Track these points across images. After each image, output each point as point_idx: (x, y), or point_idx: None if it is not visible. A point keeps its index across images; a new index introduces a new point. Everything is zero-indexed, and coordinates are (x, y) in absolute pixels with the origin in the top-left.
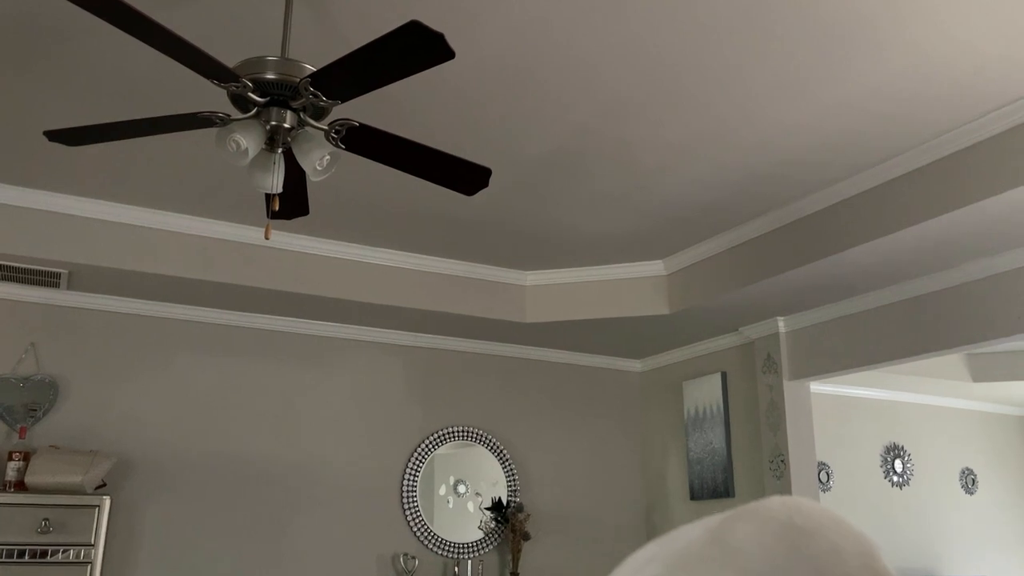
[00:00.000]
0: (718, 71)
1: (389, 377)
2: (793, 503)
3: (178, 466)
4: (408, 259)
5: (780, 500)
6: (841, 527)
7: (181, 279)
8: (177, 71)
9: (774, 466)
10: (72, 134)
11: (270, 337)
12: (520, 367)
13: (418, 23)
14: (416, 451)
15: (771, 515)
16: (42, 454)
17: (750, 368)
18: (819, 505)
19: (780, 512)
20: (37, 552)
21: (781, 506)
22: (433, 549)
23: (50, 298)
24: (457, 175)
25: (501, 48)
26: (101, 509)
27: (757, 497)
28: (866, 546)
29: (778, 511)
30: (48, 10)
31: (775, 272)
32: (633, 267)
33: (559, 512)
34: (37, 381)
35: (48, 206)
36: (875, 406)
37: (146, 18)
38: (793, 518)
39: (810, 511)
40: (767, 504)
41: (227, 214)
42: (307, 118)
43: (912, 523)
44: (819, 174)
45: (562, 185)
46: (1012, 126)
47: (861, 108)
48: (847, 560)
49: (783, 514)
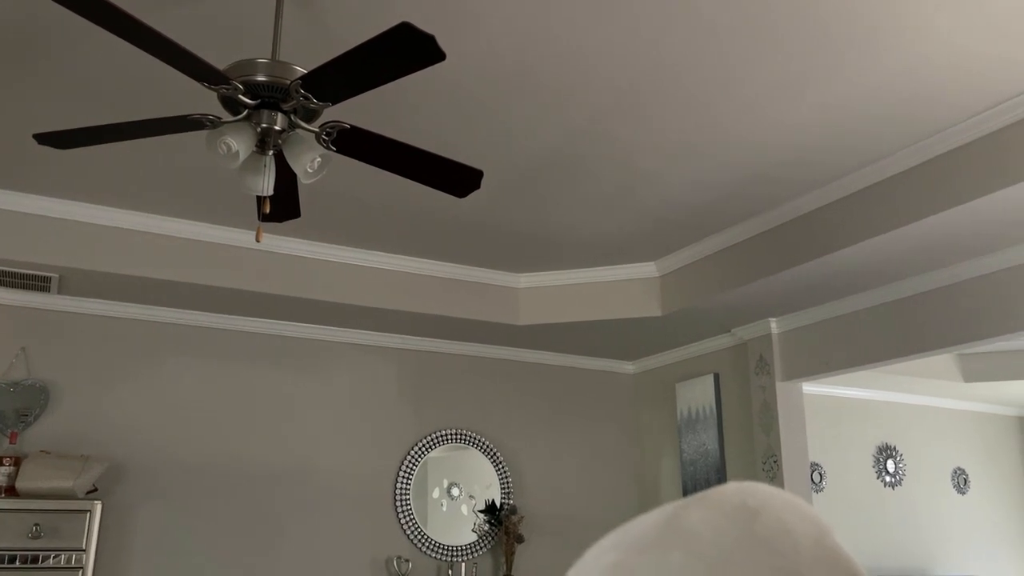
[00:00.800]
0: (713, 72)
1: (382, 380)
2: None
3: (170, 470)
4: (401, 262)
5: (735, 485)
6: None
7: (172, 283)
8: (167, 74)
9: (767, 467)
10: (62, 137)
11: (262, 340)
12: (513, 369)
13: (409, 25)
14: (409, 454)
15: (724, 499)
16: (33, 459)
17: (743, 369)
18: (773, 488)
19: (733, 496)
20: (28, 557)
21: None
22: (427, 552)
23: (40, 302)
24: (448, 177)
25: (493, 49)
26: (92, 514)
27: None
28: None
29: (731, 495)
30: (38, 13)
31: (767, 273)
32: (625, 269)
33: (552, 514)
34: (28, 386)
35: (38, 210)
36: (867, 407)
37: (135, 21)
38: (745, 500)
39: (762, 493)
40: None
41: (218, 217)
42: (298, 120)
43: (904, 523)
44: (811, 175)
45: (555, 187)
46: (1003, 126)
47: (853, 109)
48: (798, 539)
49: (736, 497)
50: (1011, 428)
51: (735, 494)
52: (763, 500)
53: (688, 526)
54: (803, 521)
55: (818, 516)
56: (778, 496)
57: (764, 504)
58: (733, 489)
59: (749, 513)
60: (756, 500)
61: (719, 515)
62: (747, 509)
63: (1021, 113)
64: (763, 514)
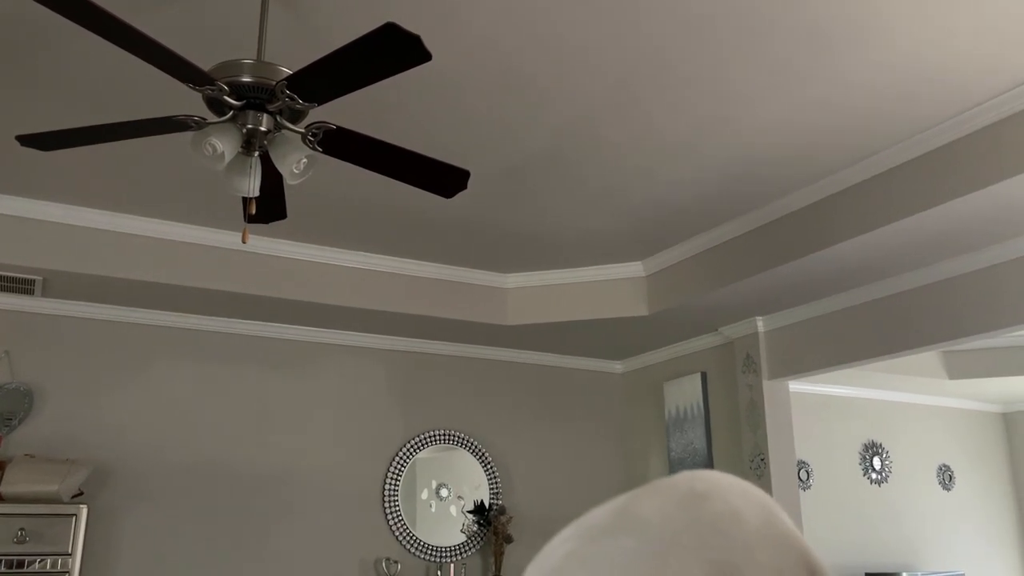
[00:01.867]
0: (701, 69)
1: (370, 381)
2: (696, 473)
3: (156, 473)
4: (388, 263)
5: (685, 473)
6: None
7: (157, 284)
8: (152, 75)
9: (754, 465)
10: (45, 138)
11: (248, 342)
12: (501, 370)
13: (394, 25)
14: (397, 455)
15: (673, 486)
16: (18, 463)
17: (730, 368)
18: (722, 474)
19: (682, 483)
20: (14, 562)
21: (684, 478)
22: (415, 553)
23: (24, 305)
24: (435, 177)
25: (479, 48)
26: (78, 518)
27: None
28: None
29: (680, 482)
30: (20, 14)
31: (753, 272)
32: (613, 269)
33: (541, 514)
34: (12, 389)
35: (22, 212)
36: (853, 404)
37: (119, 21)
38: (694, 486)
39: (710, 478)
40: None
41: (203, 219)
42: (284, 121)
43: (890, 519)
44: (798, 173)
45: (542, 187)
46: (990, 123)
47: (842, 106)
48: (747, 520)
49: (684, 484)
50: (995, 424)
51: (684, 481)
52: (711, 485)
53: (639, 513)
54: (751, 503)
55: (766, 498)
56: (725, 480)
57: (711, 488)
58: (682, 477)
59: (697, 497)
60: (704, 485)
61: (668, 502)
62: (695, 494)
63: (1008, 110)
64: (711, 498)
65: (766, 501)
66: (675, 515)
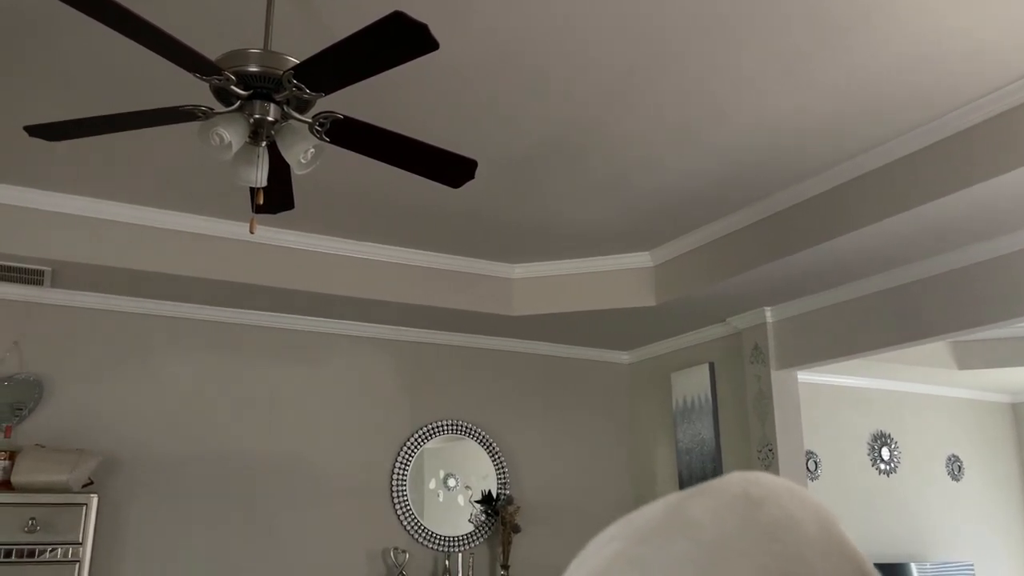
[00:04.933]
0: (708, 57)
1: (377, 372)
2: (750, 476)
3: (164, 463)
4: (394, 253)
5: (739, 475)
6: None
7: (165, 275)
8: (159, 65)
9: (762, 455)
10: (53, 129)
11: (255, 332)
12: (508, 360)
13: (401, 14)
14: (405, 445)
15: (727, 488)
16: (28, 453)
17: (738, 358)
18: (777, 478)
19: (735, 485)
20: (24, 552)
21: (738, 480)
22: (423, 543)
23: (34, 296)
24: (442, 167)
25: (485, 37)
26: (88, 507)
27: None
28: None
29: (734, 484)
30: (28, 4)
31: (761, 262)
32: (620, 259)
33: (549, 504)
34: (21, 380)
35: (31, 203)
36: (861, 394)
37: (127, 11)
38: (748, 490)
39: (766, 482)
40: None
41: (211, 209)
42: (291, 111)
43: (899, 510)
44: (806, 162)
45: (549, 176)
46: (1001, 111)
47: (852, 94)
48: (802, 526)
49: (738, 487)
50: (1005, 415)
51: (738, 484)
52: (767, 490)
53: (691, 515)
54: (806, 510)
55: (821, 505)
56: (781, 485)
57: (768, 494)
58: (736, 479)
59: (752, 502)
60: (759, 490)
61: (722, 504)
62: (750, 498)
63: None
64: (766, 503)
65: (822, 509)
66: (729, 519)
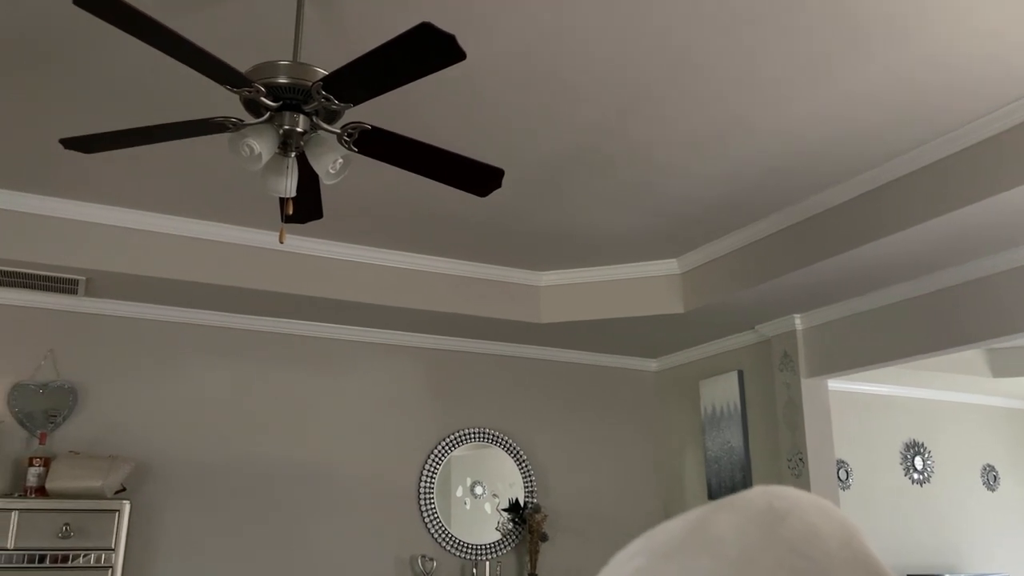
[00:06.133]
0: (735, 63)
1: (405, 379)
2: (773, 490)
3: (195, 470)
4: (422, 261)
5: (761, 489)
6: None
7: (196, 284)
8: (190, 77)
9: (792, 464)
10: (87, 141)
11: (285, 341)
12: (535, 368)
13: (429, 25)
14: (433, 453)
15: (750, 503)
16: (62, 459)
17: (767, 366)
18: (800, 491)
19: (759, 499)
20: (59, 557)
21: (761, 494)
22: (451, 551)
23: (68, 305)
24: (470, 176)
25: (511, 46)
26: (121, 513)
27: None
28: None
29: (757, 498)
30: (63, 18)
31: (791, 269)
32: (647, 266)
33: (576, 513)
34: (56, 387)
35: (65, 213)
36: (893, 403)
37: (160, 25)
38: (772, 503)
39: (789, 496)
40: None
41: (241, 218)
42: (319, 122)
43: (933, 520)
44: (836, 168)
45: (575, 184)
46: None
47: (881, 99)
48: (826, 540)
49: (762, 501)
50: None
51: (761, 497)
52: (790, 503)
53: (714, 531)
54: (830, 523)
55: (846, 518)
56: (805, 499)
57: (791, 507)
58: (759, 492)
59: (776, 516)
60: (783, 503)
61: (745, 519)
62: (774, 512)
63: None
64: (790, 517)
65: (847, 522)
66: (753, 534)
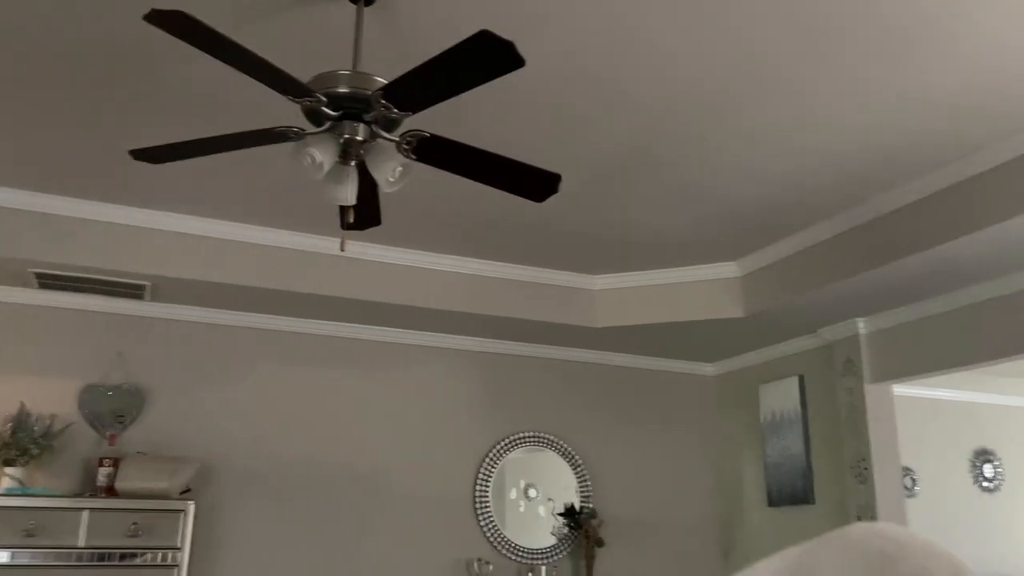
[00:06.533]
0: (798, 63)
1: (460, 383)
2: (877, 529)
3: (257, 472)
4: (477, 266)
5: (863, 527)
6: (929, 549)
7: (258, 289)
8: (252, 87)
9: (856, 471)
10: (156, 153)
11: (344, 344)
12: (590, 372)
13: (488, 32)
14: (487, 456)
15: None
16: (130, 460)
17: (829, 371)
18: (904, 529)
19: (863, 539)
20: (127, 555)
21: (864, 533)
22: (506, 554)
23: (135, 309)
24: (527, 182)
25: (566, 50)
26: (186, 513)
27: (839, 503)
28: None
29: (861, 538)
30: (129, 33)
31: (855, 272)
32: (705, 269)
33: (633, 518)
34: (124, 390)
35: (131, 221)
36: (963, 408)
37: (226, 39)
38: (880, 545)
39: (896, 536)
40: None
41: (302, 224)
42: (379, 130)
43: (1003, 529)
44: (901, 169)
45: (631, 187)
46: None
47: (948, 99)
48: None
49: (867, 541)
50: None
51: (867, 538)
52: (900, 545)
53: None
54: (940, 563)
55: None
56: (912, 540)
57: (899, 549)
58: (862, 532)
59: (883, 558)
60: (889, 544)
61: (852, 562)
62: (884, 556)
63: None
64: (899, 561)
65: (955, 561)
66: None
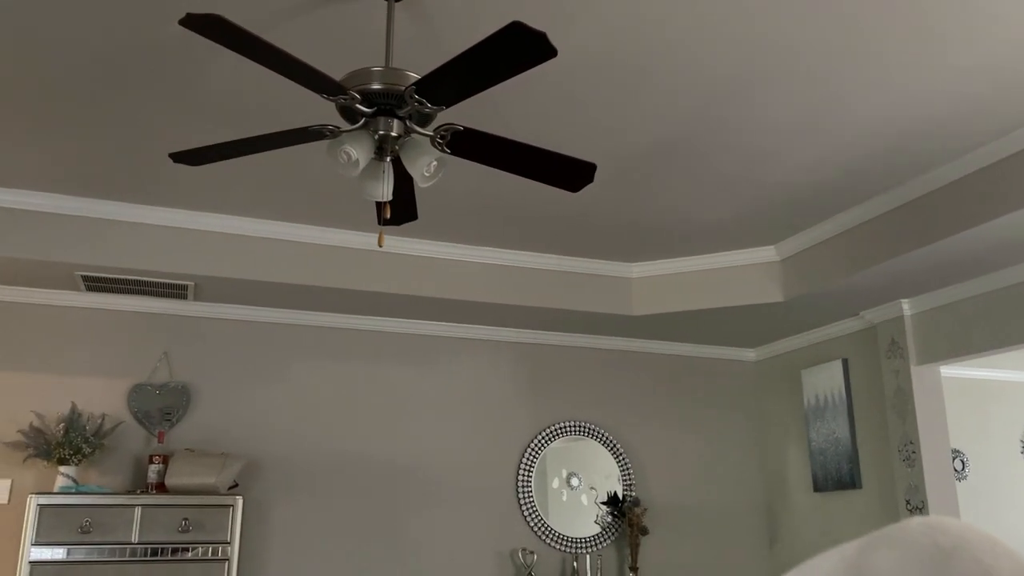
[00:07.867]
0: (835, 44)
1: (499, 374)
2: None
3: (302, 466)
4: (513, 256)
5: (920, 521)
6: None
7: (299, 286)
8: (286, 86)
9: (904, 455)
10: (195, 155)
11: (384, 339)
12: (629, 360)
13: (520, 24)
14: (529, 446)
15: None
16: (179, 457)
17: (873, 353)
18: (964, 524)
19: (922, 535)
20: (178, 549)
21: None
22: (551, 544)
23: (179, 309)
24: (562, 173)
25: (599, 39)
26: (235, 508)
27: (887, 487)
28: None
29: (920, 534)
30: (165, 35)
31: (898, 253)
32: (743, 254)
33: (676, 506)
34: (171, 388)
35: (173, 222)
36: (1014, 389)
37: (260, 40)
38: (937, 540)
39: (956, 531)
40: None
41: (340, 221)
42: (413, 125)
43: None
44: (946, 146)
45: (667, 174)
46: None
47: (993, 72)
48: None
49: (926, 537)
50: None
51: (924, 534)
52: (956, 538)
53: (876, 572)
54: (1001, 558)
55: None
56: (972, 533)
57: (958, 544)
58: (920, 526)
59: (943, 555)
60: (949, 539)
61: (910, 559)
62: (940, 550)
63: None
64: (958, 556)
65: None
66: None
